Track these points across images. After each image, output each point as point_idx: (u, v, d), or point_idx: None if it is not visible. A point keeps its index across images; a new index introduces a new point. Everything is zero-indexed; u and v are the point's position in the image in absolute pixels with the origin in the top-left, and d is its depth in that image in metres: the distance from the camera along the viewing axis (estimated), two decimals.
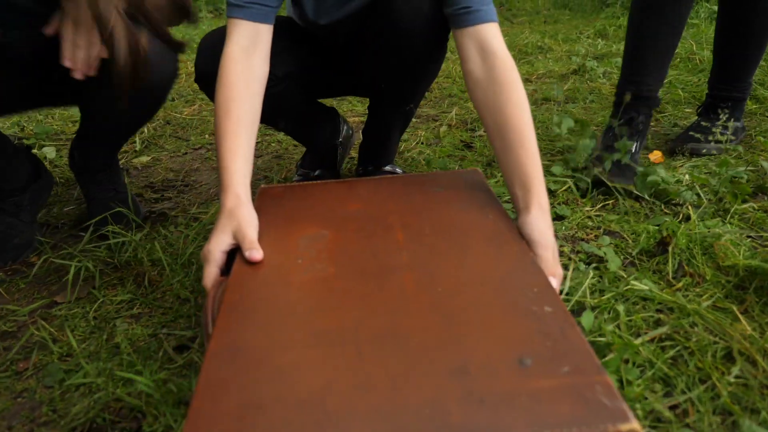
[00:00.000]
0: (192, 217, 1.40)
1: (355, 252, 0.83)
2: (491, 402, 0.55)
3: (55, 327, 1.02)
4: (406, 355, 0.62)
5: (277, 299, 0.74)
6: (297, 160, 1.72)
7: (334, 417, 0.55)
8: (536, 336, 0.63)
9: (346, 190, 1.04)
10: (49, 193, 1.37)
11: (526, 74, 2.70)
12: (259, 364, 0.63)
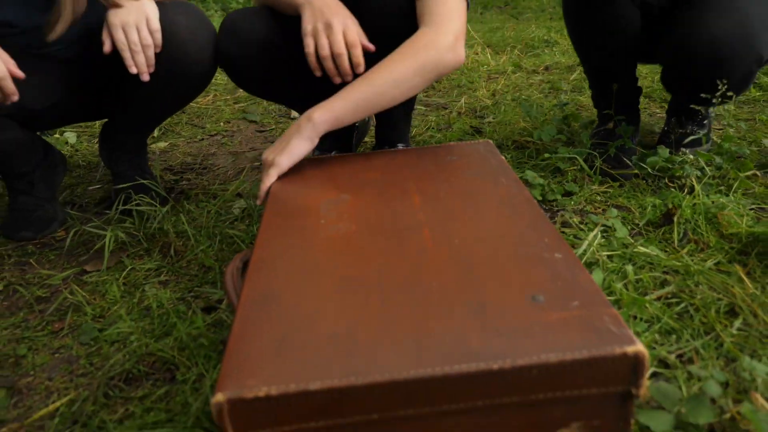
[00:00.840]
0: (212, 194, 1.45)
1: (375, 213, 0.88)
2: (507, 332, 0.60)
3: (87, 292, 1.07)
4: (427, 298, 0.67)
5: (302, 255, 0.79)
6: None
7: (363, 347, 0.60)
8: (548, 278, 0.68)
9: (364, 161, 1.08)
10: (61, 170, 1.40)
11: (533, 66, 2.74)
12: (290, 308, 0.68)
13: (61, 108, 1.25)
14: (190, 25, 1.15)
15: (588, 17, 1.35)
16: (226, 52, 1.21)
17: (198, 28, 1.17)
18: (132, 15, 1.09)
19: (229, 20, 1.21)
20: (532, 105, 1.81)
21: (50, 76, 1.20)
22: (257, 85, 1.26)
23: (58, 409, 0.81)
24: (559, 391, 0.57)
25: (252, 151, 1.79)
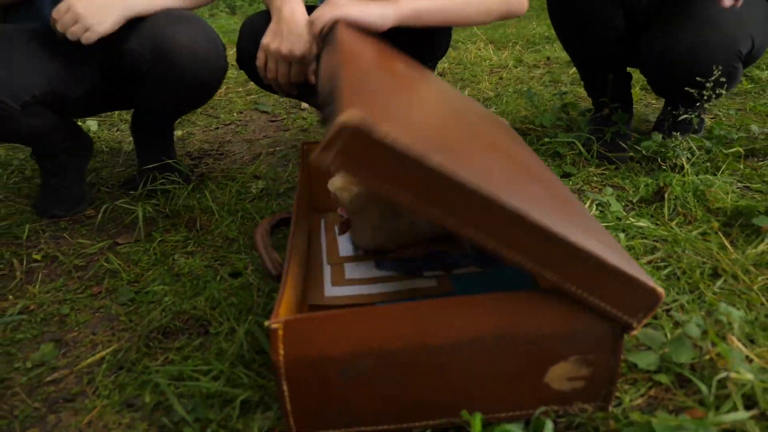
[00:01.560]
0: (231, 177, 1.54)
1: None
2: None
3: (121, 260, 1.16)
4: (512, 164, 0.74)
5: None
6: (323, 132, 1.85)
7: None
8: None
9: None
10: (89, 153, 1.48)
11: (534, 61, 2.83)
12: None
13: (94, 97, 1.33)
14: (190, 42, 1.20)
15: (565, 10, 1.44)
16: (246, 53, 1.30)
17: (197, 45, 1.21)
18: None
19: (249, 23, 1.31)
20: (534, 94, 1.89)
21: (85, 66, 1.28)
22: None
23: (104, 358, 0.89)
24: (589, 292, 0.64)
25: (265, 138, 1.88)
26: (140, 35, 1.19)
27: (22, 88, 1.14)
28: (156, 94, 1.27)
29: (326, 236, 1.18)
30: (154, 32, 1.18)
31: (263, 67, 1.17)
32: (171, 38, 1.18)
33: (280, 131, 1.94)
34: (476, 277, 0.99)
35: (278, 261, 0.88)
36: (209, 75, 1.25)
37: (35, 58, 1.19)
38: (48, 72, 1.20)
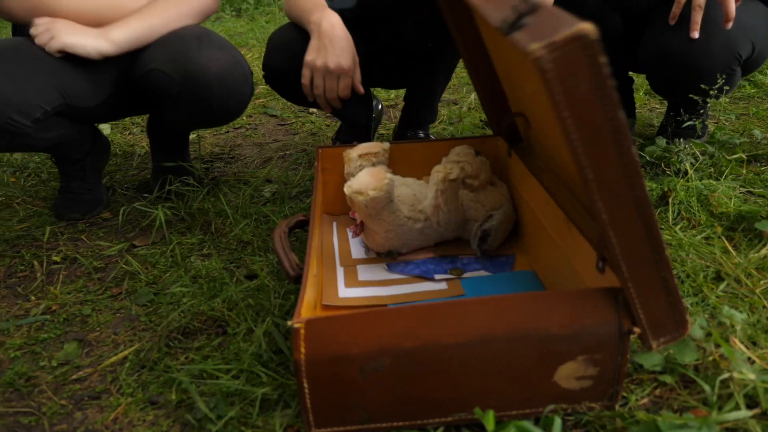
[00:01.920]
0: (243, 180, 1.57)
1: None
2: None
3: (138, 262, 1.19)
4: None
5: None
6: (331, 135, 1.88)
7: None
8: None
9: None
10: (107, 156, 1.51)
11: None
12: None
13: (110, 105, 1.36)
14: (221, 69, 1.22)
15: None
16: (275, 70, 1.32)
17: (227, 72, 1.23)
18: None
19: (277, 40, 1.33)
20: None
21: (102, 75, 1.31)
22: (300, 95, 1.36)
23: (126, 357, 0.92)
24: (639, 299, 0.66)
25: (275, 142, 1.91)
26: (172, 59, 1.21)
27: (31, 105, 1.15)
28: (181, 114, 1.30)
29: (338, 238, 1.21)
30: (186, 57, 1.20)
31: (309, 84, 1.19)
32: (203, 66, 1.20)
33: (290, 135, 1.97)
34: (486, 280, 1.02)
35: (296, 262, 0.91)
36: (236, 103, 1.28)
37: (45, 72, 1.20)
38: (60, 85, 1.21)
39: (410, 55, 1.44)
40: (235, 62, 1.25)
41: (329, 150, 1.23)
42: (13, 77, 1.14)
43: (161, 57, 1.23)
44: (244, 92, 1.28)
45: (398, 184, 1.13)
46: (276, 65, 1.32)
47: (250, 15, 4.87)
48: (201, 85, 1.21)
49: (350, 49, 1.19)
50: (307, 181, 1.54)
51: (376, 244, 1.11)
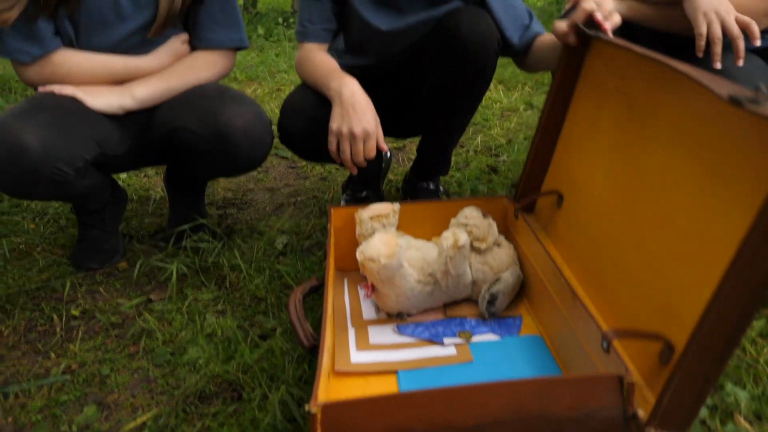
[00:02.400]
0: (256, 230, 1.60)
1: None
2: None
3: (155, 318, 1.22)
4: None
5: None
6: (341, 181, 1.92)
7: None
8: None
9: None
10: (124, 205, 1.56)
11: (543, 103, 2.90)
12: None
13: (135, 154, 1.41)
14: (246, 124, 1.26)
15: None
16: (292, 131, 1.36)
17: (252, 127, 1.27)
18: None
19: (290, 104, 1.37)
20: None
21: (127, 126, 1.36)
22: (316, 155, 1.41)
23: (145, 423, 0.95)
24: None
25: (286, 186, 1.95)
26: (198, 117, 1.25)
27: (75, 156, 1.20)
28: (205, 167, 1.34)
29: (350, 296, 1.24)
30: (212, 115, 1.24)
31: (336, 150, 1.24)
32: (228, 122, 1.24)
33: (300, 179, 2.01)
34: (494, 346, 1.05)
35: (311, 332, 0.94)
36: (260, 155, 1.32)
37: (87, 123, 1.26)
38: (97, 135, 1.27)
39: (425, 111, 1.48)
40: (257, 115, 1.30)
41: (341, 210, 1.27)
42: (60, 130, 1.19)
43: (186, 115, 1.28)
44: (267, 143, 1.33)
45: (408, 246, 1.17)
46: (293, 130, 1.36)
47: (260, 46, 4.96)
48: (228, 141, 1.26)
49: (372, 113, 1.24)
50: (318, 232, 1.57)
51: (387, 306, 1.14)
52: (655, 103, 0.94)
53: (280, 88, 3.41)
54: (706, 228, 0.79)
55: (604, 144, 1.08)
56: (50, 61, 1.28)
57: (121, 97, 1.31)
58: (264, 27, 6.10)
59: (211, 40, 1.39)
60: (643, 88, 0.98)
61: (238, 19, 1.44)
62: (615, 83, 1.05)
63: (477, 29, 1.27)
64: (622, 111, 1.03)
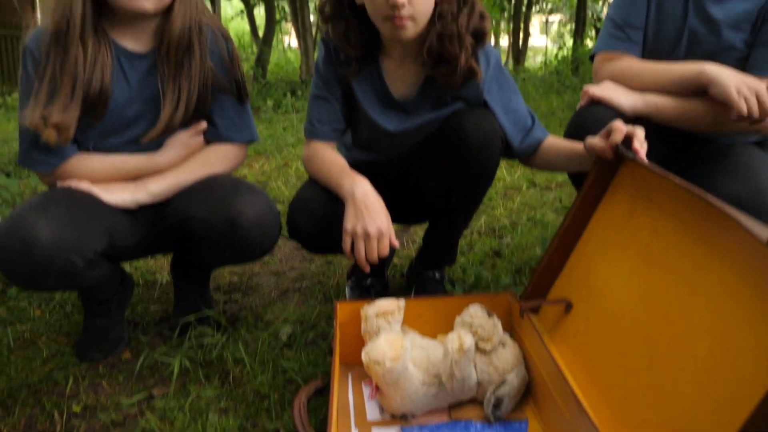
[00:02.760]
0: (260, 318, 1.61)
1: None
2: None
3: (157, 417, 1.21)
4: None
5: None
6: (346, 264, 1.94)
7: None
8: None
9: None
10: (131, 292, 1.58)
11: (546, 182, 2.95)
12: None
13: (145, 244, 1.43)
14: (257, 214, 1.30)
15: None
16: (300, 228, 1.39)
17: (263, 217, 1.31)
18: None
19: (300, 199, 1.40)
20: (547, 235, 1.98)
21: (138, 218, 1.39)
22: (324, 249, 1.44)
23: None
24: None
25: (292, 270, 1.96)
26: (211, 207, 1.29)
27: (87, 247, 1.23)
28: (215, 256, 1.37)
29: (354, 394, 1.23)
30: (225, 205, 1.28)
31: (350, 249, 1.26)
32: (241, 212, 1.27)
33: (306, 261, 2.03)
34: None
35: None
36: (269, 244, 1.36)
37: (99, 216, 1.29)
38: (108, 228, 1.30)
39: (430, 206, 1.51)
40: (268, 206, 1.34)
41: (347, 305, 1.28)
42: (72, 222, 1.22)
43: (199, 205, 1.31)
44: (276, 233, 1.37)
45: (413, 345, 1.17)
46: (303, 227, 1.38)
47: (268, 118, 5.10)
48: (240, 231, 1.28)
49: (385, 212, 1.27)
50: (323, 321, 1.58)
51: (391, 407, 1.13)
52: (684, 231, 0.96)
53: (287, 163, 3.49)
54: (731, 364, 0.78)
55: (625, 261, 1.09)
56: (67, 166, 1.33)
57: (135, 192, 1.36)
58: (273, 98, 6.30)
59: (225, 136, 1.44)
60: (672, 214, 1.00)
61: (250, 114, 1.50)
62: (643, 204, 1.07)
63: (481, 130, 1.32)
64: (647, 232, 1.05)
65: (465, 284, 1.75)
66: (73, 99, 1.26)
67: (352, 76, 1.43)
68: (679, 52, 1.43)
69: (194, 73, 1.35)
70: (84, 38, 1.26)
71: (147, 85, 1.36)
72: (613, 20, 1.48)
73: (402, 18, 1.25)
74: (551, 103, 6.10)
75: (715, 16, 1.37)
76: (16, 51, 8.92)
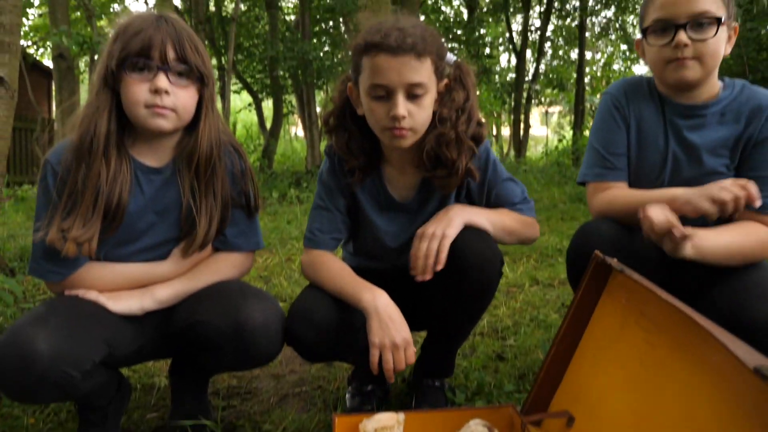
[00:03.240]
0: (259, 428, 1.57)
1: None
2: None
3: None
4: None
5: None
6: (346, 368, 1.91)
7: None
8: None
9: None
10: (128, 399, 1.55)
11: (549, 279, 2.96)
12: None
13: (147, 350, 1.43)
14: (265, 320, 1.31)
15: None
16: (299, 336, 1.38)
17: (271, 323, 1.33)
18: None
19: (302, 309, 1.40)
20: (550, 336, 1.96)
21: (142, 324, 1.39)
22: (326, 358, 1.45)
23: None
24: None
25: (291, 373, 1.94)
26: (221, 311, 1.30)
27: (84, 358, 1.22)
28: (219, 361, 1.37)
29: None
30: (235, 310, 1.29)
31: (378, 362, 1.27)
32: (249, 317, 1.28)
33: (306, 364, 2.01)
34: None
35: None
36: (275, 350, 1.36)
37: (99, 325, 1.29)
38: (108, 337, 1.30)
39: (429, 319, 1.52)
40: (275, 311, 1.35)
41: (345, 419, 1.26)
42: (70, 333, 1.21)
43: (207, 309, 1.32)
44: (282, 340, 1.37)
45: None
46: (303, 337, 1.37)
47: (273, 211, 5.19)
48: (247, 336, 1.29)
49: (404, 322, 1.31)
50: (322, 430, 1.54)
51: None
52: (676, 348, 0.97)
53: (290, 258, 3.52)
54: None
55: (621, 374, 1.10)
56: (77, 276, 1.35)
57: (141, 299, 1.37)
58: (278, 190, 6.44)
59: (233, 244, 1.48)
60: (664, 329, 1.01)
61: (258, 224, 1.54)
62: (635, 316, 1.09)
63: (480, 254, 1.34)
64: (641, 346, 1.06)
65: (467, 390, 1.72)
66: (95, 213, 1.30)
67: (356, 184, 1.49)
68: (663, 177, 1.48)
69: (218, 187, 1.41)
70: (107, 154, 1.31)
71: (160, 198, 1.41)
72: (596, 149, 1.53)
73: (402, 129, 1.32)
74: (553, 195, 6.22)
75: (694, 143, 1.44)
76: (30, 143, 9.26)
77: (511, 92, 15.49)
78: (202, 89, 1.37)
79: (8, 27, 2.48)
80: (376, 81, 1.31)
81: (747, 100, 1.42)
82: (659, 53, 1.41)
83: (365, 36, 1.33)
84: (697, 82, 1.41)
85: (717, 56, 1.38)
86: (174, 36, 1.29)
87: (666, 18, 1.37)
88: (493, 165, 1.48)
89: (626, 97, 1.52)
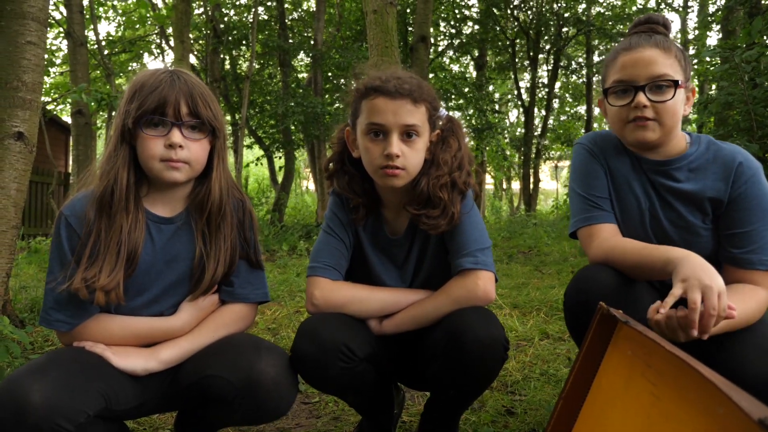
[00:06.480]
0: None
1: None
2: None
3: None
4: None
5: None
6: (354, 421, 1.89)
7: None
8: None
9: None
10: None
11: (559, 332, 2.93)
12: None
13: (150, 405, 1.41)
14: (277, 375, 1.30)
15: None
16: (304, 354, 1.36)
17: (283, 378, 1.32)
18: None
19: (311, 326, 1.39)
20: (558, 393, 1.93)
21: (145, 383, 1.38)
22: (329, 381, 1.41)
23: None
24: None
25: (298, 427, 1.91)
26: (233, 366, 1.29)
27: (78, 411, 1.20)
28: (231, 415, 1.35)
29: None
30: (248, 364, 1.28)
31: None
32: (262, 371, 1.27)
33: (312, 418, 1.98)
34: None
35: None
36: (286, 406, 1.35)
37: (99, 378, 1.28)
38: (105, 391, 1.27)
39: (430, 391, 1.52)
40: (287, 366, 1.34)
41: None
42: (67, 384, 1.20)
43: (219, 364, 1.31)
44: (293, 396, 1.36)
45: None
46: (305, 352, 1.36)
47: (283, 263, 5.20)
48: (260, 391, 1.28)
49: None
50: None
51: None
52: (683, 401, 0.96)
53: (299, 311, 3.51)
54: None
55: (629, 426, 1.07)
56: (84, 327, 1.36)
57: (146, 360, 1.36)
58: (288, 243, 6.47)
59: (239, 296, 1.49)
60: (671, 381, 1.00)
61: (264, 277, 1.55)
62: (641, 369, 1.08)
63: (484, 338, 1.32)
64: (648, 398, 1.04)
65: None
66: (118, 262, 1.33)
67: (359, 221, 1.55)
68: (645, 223, 1.51)
69: (227, 231, 1.44)
70: (128, 205, 1.36)
71: (170, 247, 1.43)
72: (581, 195, 1.55)
73: (395, 168, 1.38)
74: (563, 249, 6.20)
75: (667, 195, 1.48)
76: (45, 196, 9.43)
77: (521, 147, 15.69)
78: (214, 140, 1.42)
79: (30, 85, 2.57)
80: (373, 120, 1.38)
81: (714, 157, 1.46)
82: (619, 113, 1.45)
83: (365, 82, 1.42)
84: (656, 142, 1.45)
85: (676, 117, 1.42)
86: (187, 92, 1.35)
87: (626, 80, 1.42)
88: (473, 212, 1.51)
89: (598, 147, 1.56)
